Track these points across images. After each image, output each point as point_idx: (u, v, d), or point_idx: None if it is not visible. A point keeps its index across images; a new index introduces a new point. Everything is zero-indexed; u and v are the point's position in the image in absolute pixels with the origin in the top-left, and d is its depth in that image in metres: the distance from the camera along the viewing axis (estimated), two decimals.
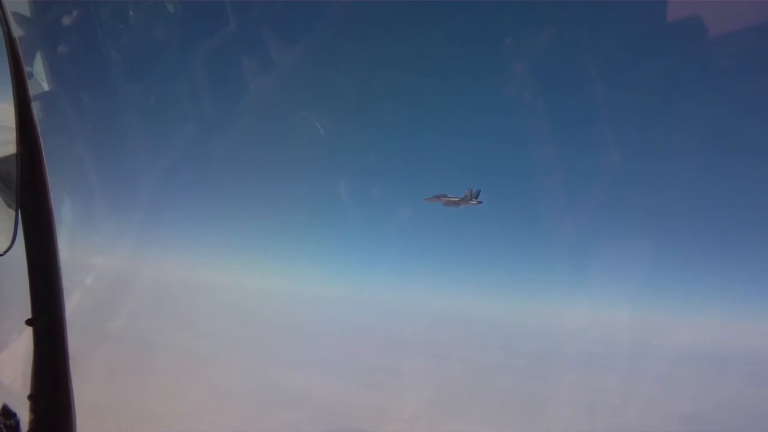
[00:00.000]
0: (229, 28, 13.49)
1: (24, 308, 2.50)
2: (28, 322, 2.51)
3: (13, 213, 2.41)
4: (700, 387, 19.94)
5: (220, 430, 15.74)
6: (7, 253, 2.47)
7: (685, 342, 21.36)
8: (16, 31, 2.50)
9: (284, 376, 19.73)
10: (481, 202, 17.22)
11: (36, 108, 2.52)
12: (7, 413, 2.56)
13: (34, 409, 2.53)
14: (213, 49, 14.98)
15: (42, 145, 2.47)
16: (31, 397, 2.54)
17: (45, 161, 2.47)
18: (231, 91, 19.32)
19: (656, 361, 19.74)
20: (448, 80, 22.10)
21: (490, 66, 21.54)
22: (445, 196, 17.53)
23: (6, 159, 2.42)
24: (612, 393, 18.55)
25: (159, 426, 14.26)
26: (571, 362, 19.66)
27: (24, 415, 2.55)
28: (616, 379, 19.10)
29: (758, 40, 14.67)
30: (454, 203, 17.37)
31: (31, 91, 2.51)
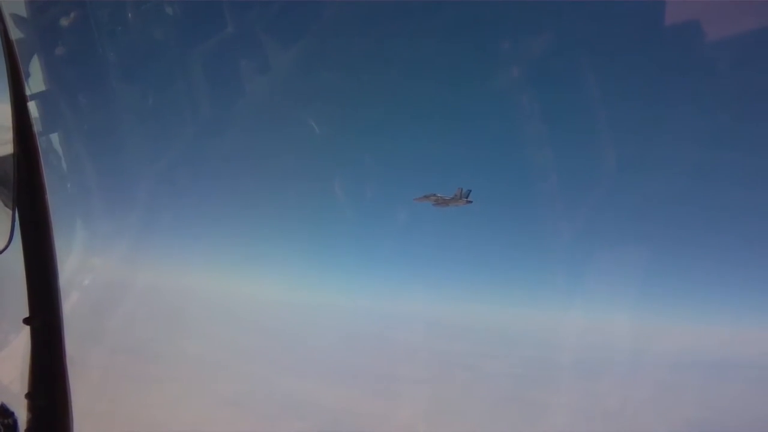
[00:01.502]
0: (227, 30, 13.50)
1: (21, 307, 2.50)
2: (26, 321, 2.51)
3: (10, 212, 2.41)
4: (701, 392, 19.96)
5: None
6: (4, 252, 2.48)
7: (684, 347, 21.38)
8: (14, 32, 2.51)
9: (288, 384, 19.64)
10: (471, 202, 17.26)
11: (33, 108, 2.53)
12: (5, 412, 2.56)
13: (32, 407, 2.54)
14: (210, 51, 14.99)
15: (39, 145, 2.48)
16: (28, 395, 2.54)
17: (42, 161, 2.48)
18: (228, 93, 19.32)
19: (657, 367, 19.75)
20: (440, 82, 22.17)
21: (481, 68, 21.59)
22: (434, 195, 17.60)
23: (3, 159, 2.42)
24: (613, 399, 18.56)
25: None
26: (571, 369, 19.65)
27: (21, 414, 2.55)
28: (617, 384, 19.10)
29: (757, 41, 14.71)
30: (444, 202, 17.44)
31: (28, 92, 2.52)
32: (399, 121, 23.07)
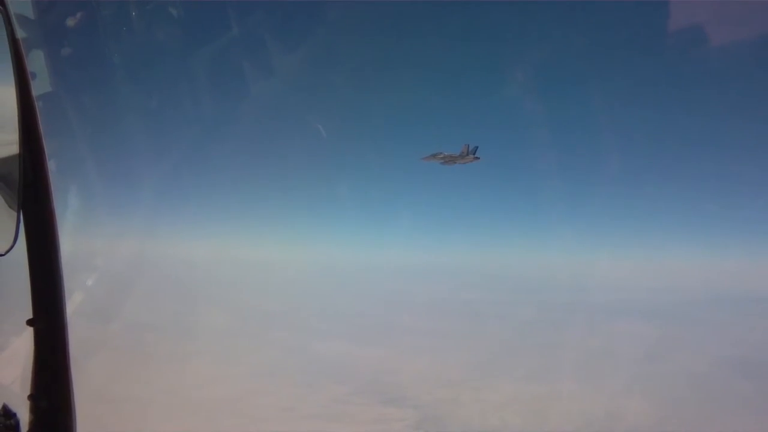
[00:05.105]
0: (231, 31, 13.56)
1: (25, 308, 2.49)
2: (29, 323, 2.51)
3: (15, 213, 2.40)
4: (728, 327, 19.93)
5: (270, 409, 15.74)
6: (9, 253, 2.47)
7: (707, 283, 21.32)
8: (20, 32, 2.51)
9: (320, 349, 19.57)
10: (478, 159, 17.24)
11: (39, 109, 2.52)
12: (7, 413, 2.55)
13: (34, 409, 2.53)
14: (213, 51, 15.05)
15: (44, 146, 2.48)
16: (31, 397, 2.54)
17: (47, 162, 2.47)
18: (230, 91, 19.53)
19: (681, 304, 19.74)
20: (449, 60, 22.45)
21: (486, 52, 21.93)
22: (441, 153, 17.65)
23: (8, 159, 2.41)
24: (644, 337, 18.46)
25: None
26: (596, 310, 19.58)
27: (24, 416, 2.55)
28: (645, 323, 19.06)
29: (758, 43, 14.80)
30: (452, 160, 17.48)
31: (34, 92, 2.51)
32: (401, 83, 23.35)
